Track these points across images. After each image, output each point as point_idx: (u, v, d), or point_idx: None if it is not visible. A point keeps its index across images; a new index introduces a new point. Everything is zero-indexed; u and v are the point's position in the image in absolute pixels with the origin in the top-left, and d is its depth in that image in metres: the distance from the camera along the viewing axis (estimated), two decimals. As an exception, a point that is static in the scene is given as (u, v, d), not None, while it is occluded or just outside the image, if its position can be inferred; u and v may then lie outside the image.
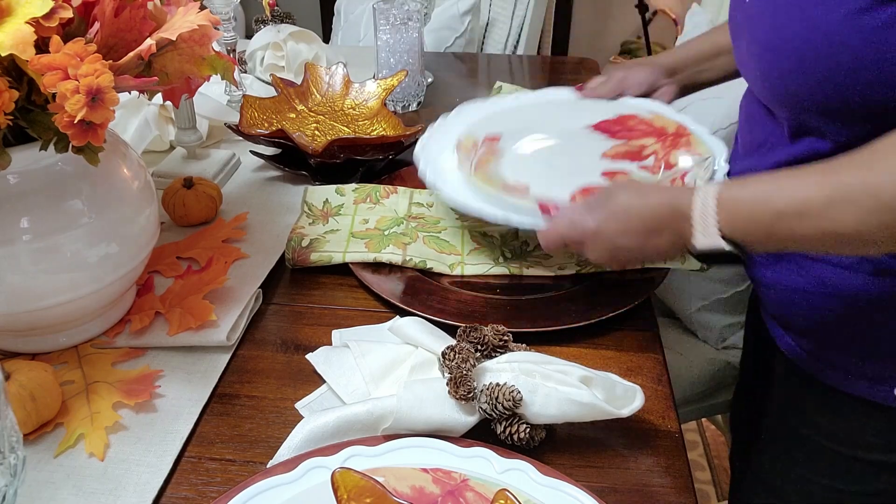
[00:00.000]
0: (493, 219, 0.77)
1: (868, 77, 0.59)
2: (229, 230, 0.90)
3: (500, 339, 0.66)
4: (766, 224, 0.60)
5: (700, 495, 1.70)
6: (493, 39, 1.94)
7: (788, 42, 0.62)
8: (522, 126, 0.93)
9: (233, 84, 0.95)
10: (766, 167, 0.72)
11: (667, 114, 0.95)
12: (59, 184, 0.65)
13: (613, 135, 0.93)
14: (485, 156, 0.86)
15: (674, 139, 0.91)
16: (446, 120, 0.94)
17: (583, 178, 0.84)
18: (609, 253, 0.69)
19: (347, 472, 0.49)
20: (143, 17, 0.63)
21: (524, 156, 0.89)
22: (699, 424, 1.89)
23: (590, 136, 0.93)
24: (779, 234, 0.60)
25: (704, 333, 1.25)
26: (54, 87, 0.54)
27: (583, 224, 0.69)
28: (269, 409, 0.67)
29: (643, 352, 0.74)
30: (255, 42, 1.35)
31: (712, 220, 0.62)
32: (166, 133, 1.10)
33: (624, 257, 0.70)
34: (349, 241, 0.87)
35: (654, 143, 0.91)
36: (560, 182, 0.83)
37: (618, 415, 0.60)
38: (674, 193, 0.66)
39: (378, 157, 1.03)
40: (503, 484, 0.54)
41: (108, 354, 0.72)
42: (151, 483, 0.60)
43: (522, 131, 0.93)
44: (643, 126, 0.94)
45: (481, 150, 0.87)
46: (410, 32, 1.20)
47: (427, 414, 0.60)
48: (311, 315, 0.79)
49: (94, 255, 0.67)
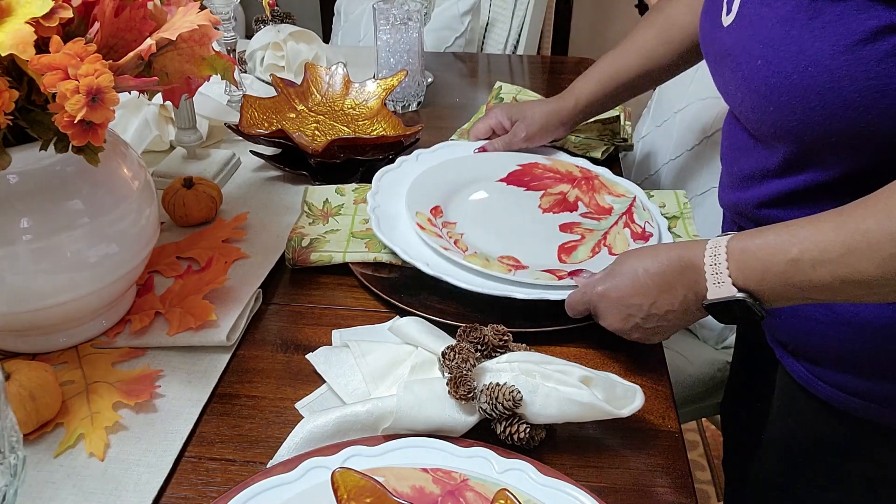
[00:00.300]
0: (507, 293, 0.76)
1: (875, 108, 0.57)
2: (229, 230, 0.90)
3: (500, 339, 0.66)
4: (780, 272, 0.59)
5: (700, 495, 1.70)
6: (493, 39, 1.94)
7: (787, 78, 0.61)
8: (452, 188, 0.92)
9: (233, 84, 0.95)
10: (759, 199, 0.71)
11: (563, 157, 1.00)
12: (59, 184, 0.65)
13: (527, 186, 0.95)
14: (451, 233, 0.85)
15: (587, 182, 0.96)
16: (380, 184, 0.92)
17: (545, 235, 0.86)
18: (621, 316, 0.69)
19: (347, 472, 0.49)
20: (143, 17, 0.63)
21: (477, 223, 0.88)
22: (699, 424, 1.89)
23: (510, 190, 0.95)
24: (795, 283, 0.58)
25: (704, 333, 1.25)
26: (54, 87, 0.54)
27: (592, 288, 0.70)
28: (269, 409, 0.67)
29: (643, 352, 0.74)
30: (255, 42, 1.35)
31: (724, 269, 0.61)
32: (166, 133, 1.10)
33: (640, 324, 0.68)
34: (349, 242, 0.87)
35: (571, 189, 0.95)
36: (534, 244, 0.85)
37: (618, 415, 0.60)
38: (683, 248, 0.65)
39: (378, 157, 1.03)
40: (503, 484, 0.54)
41: (108, 354, 0.72)
42: (151, 483, 0.60)
43: (455, 194, 0.92)
44: (550, 173, 0.97)
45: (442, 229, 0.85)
46: (410, 32, 1.20)
47: (427, 414, 0.60)
48: (311, 315, 0.79)
49: (94, 255, 0.67)
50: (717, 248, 0.62)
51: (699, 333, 1.26)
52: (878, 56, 0.56)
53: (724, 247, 0.62)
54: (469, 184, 0.94)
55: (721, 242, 0.62)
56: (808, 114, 0.61)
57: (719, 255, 0.61)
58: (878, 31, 0.56)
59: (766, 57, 0.63)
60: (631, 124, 1.18)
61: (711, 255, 0.62)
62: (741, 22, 0.67)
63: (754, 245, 0.60)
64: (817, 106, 0.60)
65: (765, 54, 0.63)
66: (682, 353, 1.23)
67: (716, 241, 0.63)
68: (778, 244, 0.59)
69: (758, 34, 0.64)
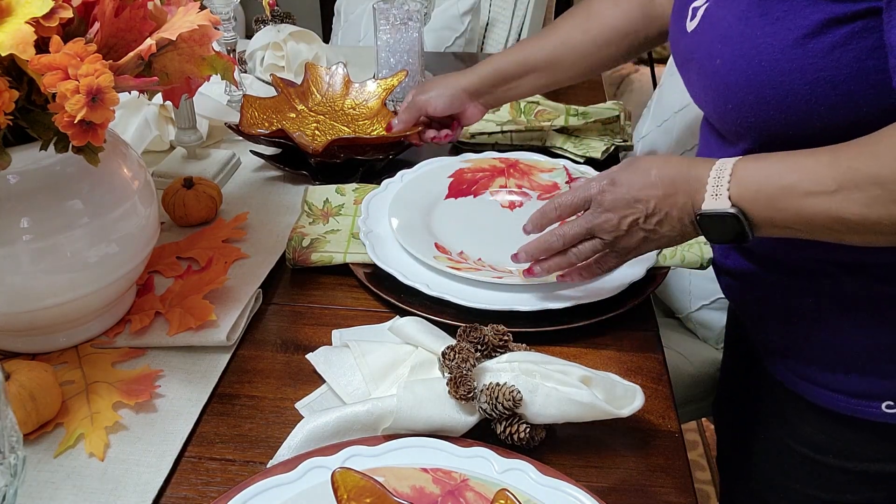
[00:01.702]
0: None
1: (826, 100, 0.59)
2: (229, 230, 0.90)
3: (500, 338, 0.66)
4: (772, 195, 0.60)
5: (700, 495, 1.70)
6: (493, 39, 1.94)
7: (742, 74, 0.62)
8: (428, 221, 0.91)
9: (233, 84, 0.95)
10: None
11: (479, 156, 1.00)
12: (59, 184, 0.65)
13: (473, 193, 0.96)
14: (471, 260, 0.84)
15: (514, 168, 0.98)
16: (368, 208, 0.90)
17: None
18: (623, 212, 0.66)
19: (347, 472, 0.49)
20: (143, 17, 0.63)
21: (475, 243, 0.87)
22: (699, 424, 1.89)
23: (463, 203, 0.95)
24: (784, 208, 0.59)
25: (704, 333, 1.25)
26: (54, 87, 0.54)
27: (598, 181, 0.68)
28: (269, 409, 0.67)
29: (643, 352, 0.74)
30: (255, 42, 1.35)
31: (725, 183, 0.61)
32: (166, 133, 1.10)
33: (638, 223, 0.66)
34: (350, 242, 0.87)
35: (507, 179, 0.97)
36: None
37: (618, 415, 0.60)
38: (693, 160, 0.66)
39: (378, 156, 1.03)
40: (503, 484, 0.54)
41: (108, 354, 0.72)
42: (151, 483, 0.60)
43: (437, 226, 0.90)
44: (479, 173, 0.98)
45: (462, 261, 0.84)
46: (410, 32, 1.20)
47: (427, 414, 0.60)
48: (311, 315, 0.79)
49: (94, 255, 0.67)
50: (723, 165, 0.63)
51: (699, 333, 1.26)
52: (825, 49, 0.57)
53: (730, 165, 0.62)
54: (430, 211, 0.92)
55: (728, 162, 0.63)
56: (764, 108, 0.62)
57: (724, 172, 0.62)
58: (823, 25, 0.57)
59: (723, 56, 0.64)
60: (631, 124, 1.18)
61: (717, 170, 0.63)
62: (703, 25, 0.69)
63: (756, 166, 0.61)
64: (772, 101, 0.61)
65: (723, 53, 0.64)
66: (682, 353, 1.23)
67: (724, 160, 0.63)
68: (777, 169, 0.60)
69: (717, 34, 0.66)
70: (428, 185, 0.95)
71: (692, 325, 1.26)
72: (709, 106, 0.70)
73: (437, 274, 0.80)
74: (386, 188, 0.94)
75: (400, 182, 0.95)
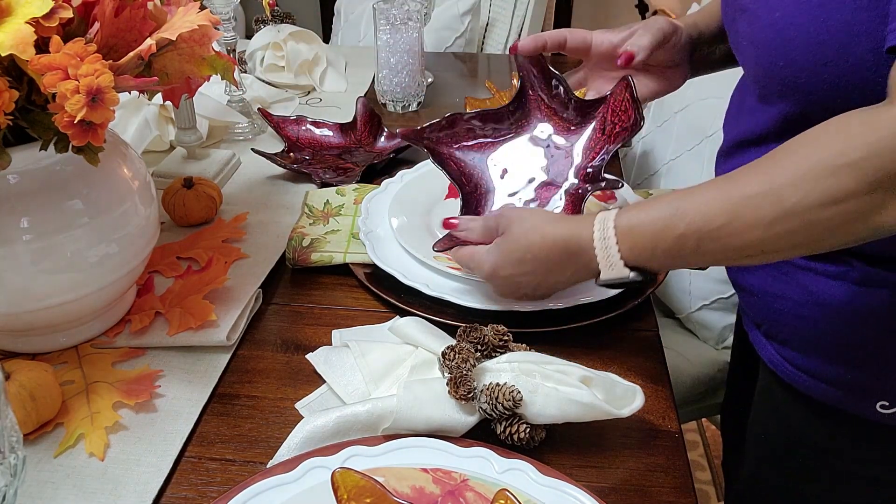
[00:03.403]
0: None
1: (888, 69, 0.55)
2: (229, 230, 0.90)
3: (500, 339, 0.66)
4: (668, 249, 0.59)
5: (700, 495, 1.70)
6: (493, 39, 1.95)
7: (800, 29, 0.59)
8: (425, 212, 0.91)
9: (233, 84, 0.95)
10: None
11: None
12: (59, 184, 0.65)
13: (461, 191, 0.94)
14: None
15: None
16: (369, 208, 0.90)
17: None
18: (510, 290, 0.71)
19: (347, 472, 0.49)
20: (143, 17, 0.63)
21: None
22: (699, 424, 1.89)
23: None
24: (684, 255, 0.59)
25: (704, 333, 1.25)
26: (54, 87, 0.54)
27: (480, 265, 0.71)
28: (269, 409, 0.67)
29: (643, 352, 0.74)
30: (255, 42, 1.35)
31: (614, 251, 0.61)
32: (166, 133, 1.10)
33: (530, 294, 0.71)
34: (350, 242, 0.87)
35: None
36: None
37: (618, 415, 0.60)
38: (572, 227, 0.65)
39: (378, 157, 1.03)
40: (503, 484, 0.54)
41: (108, 354, 0.72)
42: (151, 483, 0.60)
43: (434, 221, 0.90)
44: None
45: None
46: (410, 32, 1.20)
47: (427, 414, 0.60)
48: (311, 315, 0.79)
49: (94, 255, 0.67)
50: (605, 226, 0.62)
51: (699, 333, 1.26)
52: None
53: (612, 226, 0.61)
54: (430, 211, 0.91)
55: (609, 220, 0.62)
56: (819, 70, 0.59)
57: (608, 236, 0.61)
58: None
59: (784, 9, 0.61)
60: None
61: (601, 235, 0.62)
62: None
63: (641, 223, 0.60)
64: (831, 62, 0.58)
65: (783, 6, 0.61)
66: (682, 353, 1.23)
67: (603, 218, 0.62)
68: (664, 220, 0.59)
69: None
70: (428, 185, 0.95)
71: (692, 326, 1.26)
72: (755, 61, 0.66)
73: (437, 274, 0.80)
74: (386, 188, 0.94)
75: (400, 182, 0.95)
